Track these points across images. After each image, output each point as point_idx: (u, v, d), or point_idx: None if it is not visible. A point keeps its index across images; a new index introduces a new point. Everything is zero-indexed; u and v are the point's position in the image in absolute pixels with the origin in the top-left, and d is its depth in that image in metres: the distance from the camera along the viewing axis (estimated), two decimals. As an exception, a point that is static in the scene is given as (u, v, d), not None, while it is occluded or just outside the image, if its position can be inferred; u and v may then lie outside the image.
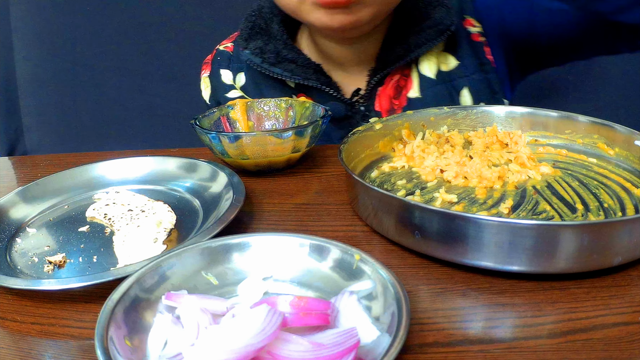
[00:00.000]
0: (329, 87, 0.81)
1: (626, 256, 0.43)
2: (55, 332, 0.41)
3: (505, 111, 0.68)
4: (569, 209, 0.52)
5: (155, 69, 1.41)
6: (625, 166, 0.59)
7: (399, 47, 0.80)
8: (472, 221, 0.42)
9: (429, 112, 0.69)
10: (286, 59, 0.81)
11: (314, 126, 0.63)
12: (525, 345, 0.37)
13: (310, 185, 0.64)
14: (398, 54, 0.80)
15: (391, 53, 0.80)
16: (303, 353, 0.32)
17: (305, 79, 0.81)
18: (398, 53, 0.80)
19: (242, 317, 0.33)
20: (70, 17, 1.38)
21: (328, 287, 0.40)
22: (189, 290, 0.39)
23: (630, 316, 0.39)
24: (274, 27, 0.84)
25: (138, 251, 0.49)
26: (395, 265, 0.46)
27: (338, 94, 0.82)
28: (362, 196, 0.51)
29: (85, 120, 1.45)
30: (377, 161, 0.64)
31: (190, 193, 0.60)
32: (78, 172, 0.64)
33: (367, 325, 0.35)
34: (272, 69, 0.81)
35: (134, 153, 0.68)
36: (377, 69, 0.81)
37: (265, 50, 0.81)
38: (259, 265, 0.42)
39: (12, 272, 0.47)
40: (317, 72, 0.82)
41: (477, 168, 0.59)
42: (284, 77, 0.81)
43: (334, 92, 0.82)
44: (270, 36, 0.84)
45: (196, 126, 0.64)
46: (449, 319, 0.40)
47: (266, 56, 0.81)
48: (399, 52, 0.80)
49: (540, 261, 0.42)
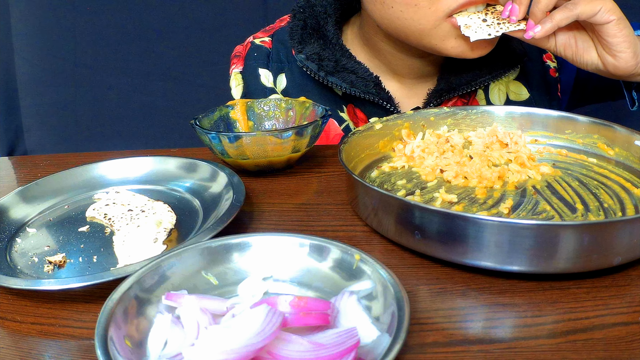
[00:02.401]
0: (387, 103, 0.78)
1: (626, 256, 0.43)
2: (55, 332, 0.41)
3: (505, 111, 0.68)
4: (569, 209, 0.52)
5: (155, 69, 1.41)
6: (625, 166, 0.59)
7: (467, 71, 0.76)
8: (472, 221, 0.42)
9: (429, 112, 0.69)
10: (345, 69, 0.76)
11: (314, 126, 0.63)
12: (525, 345, 0.37)
13: (310, 185, 0.64)
14: (466, 79, 0.76)
15: (457, 76, 0.77)
16: (303, 353, 0.32)
17: (365, 92, 0.76)
18: (466, 77, 0.76)
19: (242, 317, 0.33)
20: (70, 17, 1.38)
21: (328, 287, 0.40)
22: (189, 290, 0.39)
23: (630, 316, 0.39)
24: (329, 30, 0.78)
25: (138, 251, 0.49)
26: (395, 265, 0.46)
27: (395, 109, 0.79)
28: (362, 196, 0.51)
29: (85, 120, 1.45)
30: (377, 161, 0.64)
31: (190, 193, 0.60)
32: (78, 172, 0.64)
33: (367, 325, 0.35)
34: (329, 78, 0.76)
35: (134, 153, 0.68)
36: (442, 90, 0.77)
37: (323, 57, 0.76)
38: (259, 265, 0.42)
39: (12, 272, 0.47)
40: (376, 85, 0.77)
41: (477, 168, 0.58)
42: (343, 87, 0.76)
43: (391, 107, 0.78)
44: (326, 40, 0.78)
45: (196, 126, 0.64)
46: (448, 319, 0.40)
47: (324, 63, 0.76)
48: (468, 76, 0.76)
49: (540, 261, 0.42)
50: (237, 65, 0.85)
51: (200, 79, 1.41)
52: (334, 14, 0.80)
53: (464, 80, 0.76)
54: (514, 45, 0.77)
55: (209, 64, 1.40)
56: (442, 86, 0.77)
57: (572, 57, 0.64)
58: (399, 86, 0.82)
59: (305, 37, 0.78)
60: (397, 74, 0.81)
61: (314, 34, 0.78)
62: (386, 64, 0.81)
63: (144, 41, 1.39)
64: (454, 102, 0.80)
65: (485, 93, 0.81)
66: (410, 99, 0.81)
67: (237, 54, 0.86)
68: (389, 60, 0.80)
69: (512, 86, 0.81)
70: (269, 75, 0.83)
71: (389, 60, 0.80)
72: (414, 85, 0.82)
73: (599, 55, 0.63)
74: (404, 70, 0.80)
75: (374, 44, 0.80)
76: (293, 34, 0.79)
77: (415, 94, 0.81)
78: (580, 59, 0.64)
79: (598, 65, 0.63)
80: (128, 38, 1.39)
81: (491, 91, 0.81)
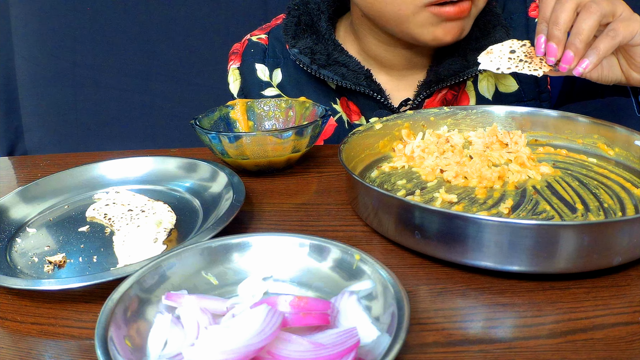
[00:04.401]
0: (378, 94, 0.79)
1: (626, 256, 0.43)
2: (55, 332, 0.41)
3: (505, 111, 0.68)
4: (569, 209, 0.52)
5: (155, 69, 1.41)
6: (625, 166, 0.59)
7: (456, 62, 0.77)
8: (472, 221, 0.42)
9: (429, 112, 0.69)
10: (337, 62, 0.79)
11: (314, 126, 0.63)
12: (525, 345, 0.37)
13: (310, 185, 0.64)
14: (454, 70, 0.77)
15: (446, 67, 0.78)
16: (303, 353, 0.32)
17: (356, 84, 0.78)
18: (454, 68, 0.77)
19: (242, 317, 0.33)
20: (70, 17, 1.38)
21: (328, 287, 0.40)
22: (189, 290, 0.39)
23: (630, 316, 0.39)
24: (322, 25, 0.81)
25: (138, 251, 0.49)
26: (395, 265, 0.46)
27: (386, 101, 0.80)
28: (362, 196, 0.51)
29: (85, 120, 1.45)
30: (377, 161, 0.64)
31: (190, 193, 0.60)
32: (78, 172, 0.64)
33: (367, 325, 0.35)
34: (322, 71, 0.78)
35: (134, 153, 0.68)
36: (431, 82, 0.78)
37: (316, 50, 0.78)
38: (259, 265, 0.42)
39: (12, 272, 0.47)
40: (367, 77, 0.79)
41: (477, 168, 0.58)
42: (334, 80, 0.78)
43: (383, 99, 0.80)
44: (319, 35, 0.81)
45: (196, 126, 0.64)
46: (449, 319, 0.40)
47: (316, 57, 0.78)
48: (455, 67, 0.77)
49: (540, 261, 0.42)
50: (234, 62, 0.87)
51: (200, 79, 1.41)
52: (327, 10, 0.82)
53: (452, 72, 0.77)
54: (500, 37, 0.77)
55: (209, 64, 1.40)
56: (432, 77, 0.79)
57: (597, 77, 0.63)
58: (389, 78, 0.83)
59: (299, 33, 0.80)
60: (387, 66, 0.83)
61: (307, 29, 0.81)
62: (374, 57, 0.82)
63: (144, 41, 1.39)
64: (443, 93, 0.81)
65: (475, 85, 0.82)
66: (401, 90, 0.83)
67: (235, 51, 0.89)
68: (376, 52, 0.81)
69: (501, 78, 0.82)
70: (265, 70, 0.85)
71: (376, 52, 0.81)
72: (404, 77, 0.83)
73: (624, 72, 0.62)
74: (392, 62, 0.82)
75: (362, 37, 0.82)
76: (287, 30, 0.81)
77: (406, 85, 0.83)
78: (605, 78, 0.63)
79: (621, 81, 0.63)
80: (128, 38, 1.39)
81: (480, 83, 0.81)
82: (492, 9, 0.80)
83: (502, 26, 0.79)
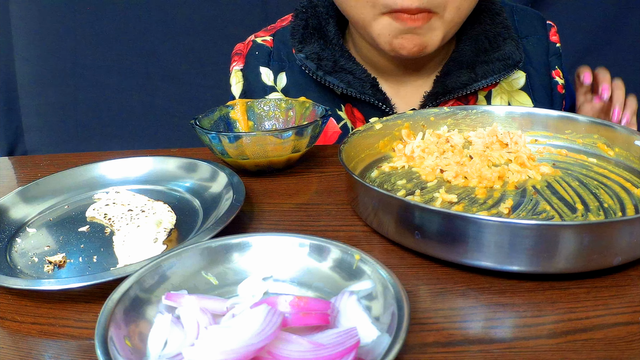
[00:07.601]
0: (383, 104, 0.78)
1: (626, 256, 0.43)
2: (55, 332, 0.41)
3: (505, 111, 0.68)
4: (569, 209, 0.52)
5: (155, 69, 1.41)
6: (625, 166, 0.59)
7: (464, 74, 0.77)
8: (472, 221, 0.42)
9: (429, 112, 0.69)
10: (343, 69, 0.77)
11: (314, 126, 0.63)
12: (525, 345, 0.37)
13: (310, 185, 0.64)
14: (462, 82, 0.76)
15: (453, 79, 0.77)
16: (303, 353, 0.32)
17: (362, 93, 0.77)
18: (462, 80, 0.76)
19: (242, 317, 0.33)
20: (70, 17, 1.39)
21: (328, 287, 0.40)
22: (189, 290, 0.39)
23: (630, 316, 0.39)
24: (330, 30, 0.79)
25: (138, 251, 0.49)
26: (395, 265, 0.46)
27: (391, 110, 0.79)
28: (362, 196, 0.51)
29: (86, 121, 1.45)
30: (377, 161, 0.64)
31: (190, 193, 0.60)
32: (78, 172, 0.64)
33: (367, 325, 0.35)
34: (327, 78, 0.76)
35: (134, 153, 0.68)
36: (437, 93, 0.77)
37: (323, 56, 0.77)
38: (259, 265, 0.42)
39: (12, 272, 0.47)
40: (373, 86, 0.78)
41: (477, 168, 0.59)
42: (339, 87, 0.76)
43: (387, 109, 0.78)
44: (326, 40, 0.79)
45: (196, 126, 0.64)
46: (449, 319, 0.40)
47: (323, 63, 0.76)
48: (463, 79, 0.76)
49: (540, 261, 0.42)
50: (237, 63, 0.85)
51: (200, 79, 1.42)
52: (336, 15, 0.80)
53: (460, 84, 0.77)
54: (510, 51, 0.77)
55: (209, 64, 1.40)
56: (438, 89, 0.78)
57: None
58: (396, 88, 0.82)
59: (306, 37, 0.78)
60: (391, 74, 0.82)
61: (315, 33, 0.79)
62: (374, 64, 0.81)
63: (144, 41, 1.39)
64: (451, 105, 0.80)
65: (488, 101, 0.81)
66: (407, 101, 0.82)
67: (238, 52, 0.86)
68: (373, 59, 0.80)
69: (516, 96, 0.81)
70: (269, 73, 0.83)
71: (373, 59, 0.80)
72: (410, 86, 0.82)
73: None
74: (394, 71, 0.81)
75: (357, 42, 0.80)
76: (294, 33, 0.79)
77: (412, 96, 0.82)
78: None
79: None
80: (128, 38, 1.39)
81: (493, 99, 0.81)
82: (502, 20, 0.79)
83: (512, 39, 0.78)
